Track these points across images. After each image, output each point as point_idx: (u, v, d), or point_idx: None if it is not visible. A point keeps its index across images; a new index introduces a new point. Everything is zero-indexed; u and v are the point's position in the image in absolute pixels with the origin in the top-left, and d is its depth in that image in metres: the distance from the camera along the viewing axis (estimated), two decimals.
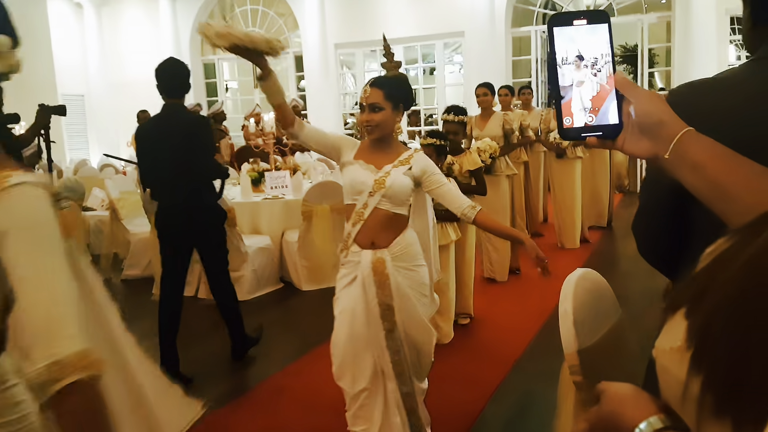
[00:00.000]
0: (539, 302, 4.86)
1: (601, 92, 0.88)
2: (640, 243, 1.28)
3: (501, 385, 3.51)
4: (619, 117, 0.88)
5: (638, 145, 0.87)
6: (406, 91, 2.61)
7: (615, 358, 1.79)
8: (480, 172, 4.55)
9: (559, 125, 0.90)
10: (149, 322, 4.67)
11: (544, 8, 10.55)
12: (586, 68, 0.88)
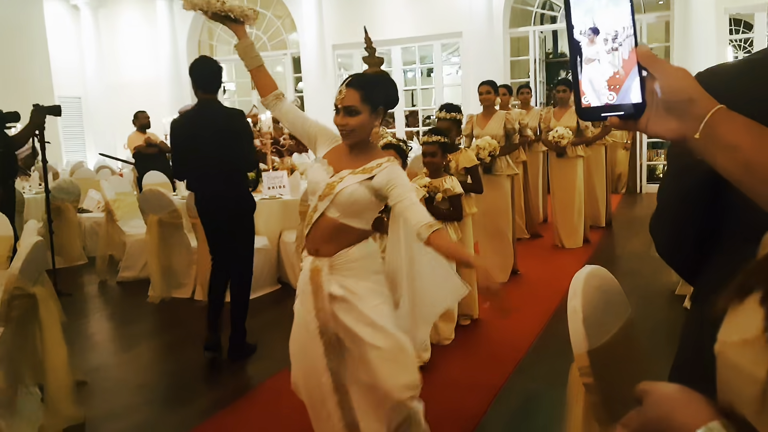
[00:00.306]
0: (542, 303, 4.80)
1: (623, 68, 0.81)
2: (661, 243, 1.17)
3: (504, 386, 3.45)
4: (642, 95, 0.80)
5: (664, 126, 0.79)
6: (387, 92, 2.39)
7: (626, 359, 1.72)
8: (476, 170, 4.48)
9: (577, 104, 0.83)
10: (145, 324, 4.63)
11: (542, 9, 10.51)
12: (606, 42, 0.81)
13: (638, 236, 6.80)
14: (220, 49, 12.71)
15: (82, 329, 4.75)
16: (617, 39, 0.81)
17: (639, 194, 9.91)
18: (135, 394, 3.69)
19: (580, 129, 6.54)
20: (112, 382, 3.87)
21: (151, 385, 3.85)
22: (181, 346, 4.40)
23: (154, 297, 5.29)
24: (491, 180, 5.33)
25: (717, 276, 1.05)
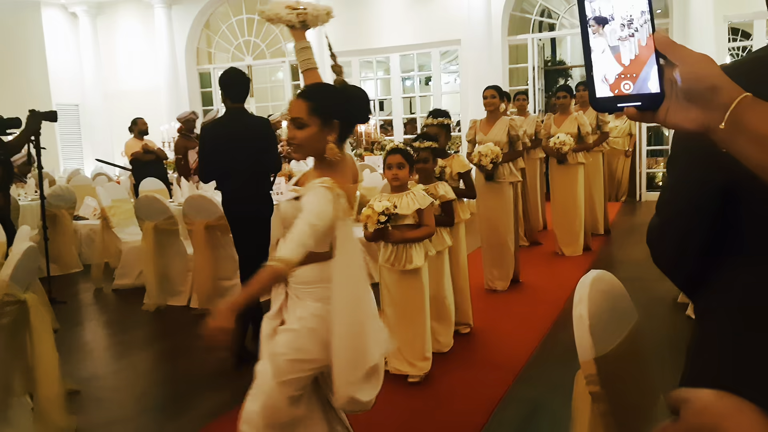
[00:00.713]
0: (543, 311, 4.75)
1: (639, 56, 0.76)
2: (662, 255, 1.11)
3: (505, 395, 3.38)
4: (660, 85, 0.75)
5: (685, 116, 0.74)
6: (342, 103, 2.20)
7: (634, 367, 1.67)
8: (469, 175, 4.40)
9: (591, 95, 0.78)
10: (140, 333, 4.57)
11: (540, 16, 10.50)
12: (622, 29, 0.76)
13: (639, 244, 6.74)
14: (218, 56, 12.69)
15: (77, 337, 4.68)
16: (633, 25, 0.77)
17: (639, 202, 9.87)
18: (129, 404, 3.62)
19: (581, 135, 6.46)
20: (106, 391, 3.80)
21: (146, 394, 3.78)
22: (176, 354, 4.34)
23: (150, 305, 5.23)
24: (493, 187, 5.25)
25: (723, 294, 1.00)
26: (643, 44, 0.76)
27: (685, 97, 0.74)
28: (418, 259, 3.46)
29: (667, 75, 0.75)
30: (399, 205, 3.39)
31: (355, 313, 2.18)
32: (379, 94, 12.64)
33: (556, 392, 3.38)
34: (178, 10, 12.32)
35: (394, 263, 3.48)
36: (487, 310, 4.82)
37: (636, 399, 1.65)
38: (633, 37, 0.77)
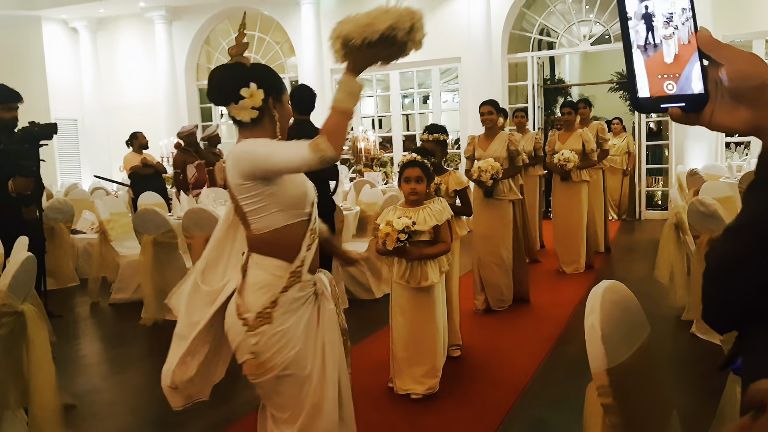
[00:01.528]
0: (546, 328, 4.70)
1: (681, 55, 0.73)
2: (717, 308, 0.96)
3: (510, 412, 3.33)
4: (704, 85, 0.73)
5: (733, 116, 0.72)
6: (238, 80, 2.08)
7: (647, 379, 1.63)
8: (466, 192, 4.31)
9: (633, 94, 0.75)
10: (137, 347, 4.51)
11: (540, 35, 10.57)
12: (663, 26, 0.74)
13: (640, 261, 6.72)
14: None
15: (73, 351, 4.62)
16: (674, 22, 0.74)
17: (638, 220, 9.86)
18: (125, 419, 3.56)
19: (586, 153, 6.39)
20: (103, 406, 3.74)
21: (142, 409, 3.72)
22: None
23: (147, 319, 5.17)
24: (492, 204, 5.13)
25: None
26: (684, 42, 0.74)
27: (732, 97, 0.71)
28: (434, 276, 3.40)
29: (711, 75, 0.73)
30: (416, 220, 3.31)
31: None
32: (378, 111, 12.68)
33: (561, 409, 3.34)
34: (179, 27, 12.38)
35: (409, 280, 3.40)
36: (489, 327, 4.78)
37: (648, 413, 1.61)
38: (674, 35, 0.74)
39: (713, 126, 0.73)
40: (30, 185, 4.19)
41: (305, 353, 2.09)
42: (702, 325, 4.19)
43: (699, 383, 3.58)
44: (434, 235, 3.38)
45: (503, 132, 5.66)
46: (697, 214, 4.01)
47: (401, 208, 3.44)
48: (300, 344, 2.08)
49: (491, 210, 5.13)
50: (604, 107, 13.27)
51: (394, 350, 3.53)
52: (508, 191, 5.20)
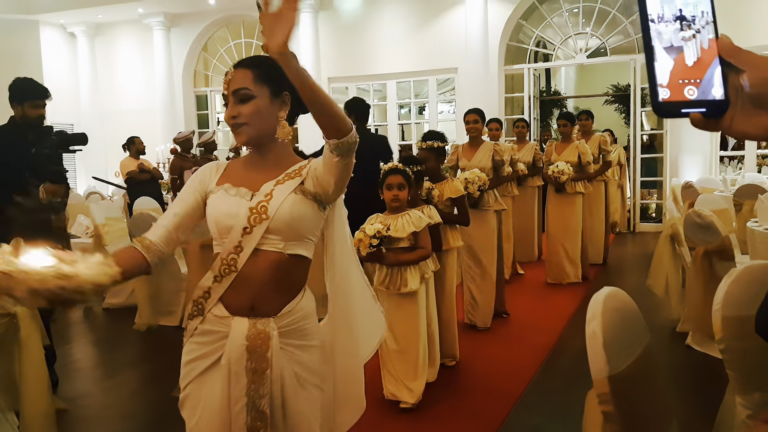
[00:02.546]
0: (539, 339, 4.69)
1: (702, 59, 0.73)
2: None
3: (505, 421, 3.32)
4: (724, 91, 0.72)
5: (754, 122, 0.71)
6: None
7: (647, 387, 1.62)
8: (463, 201, 4.26)
9: (654, 98, 0.73)
10: (130, 352, 4.48)
11: (536, 47, 10.62)
12: (684, 29, 0.73)
13: (634, 273, 6.73)
14: (215, 80, 12.73)
15: (65, 355, 4.58)
16: (695, 26, 0.73)
17: (632, 233, 9.87)
18: (118, 424, 3.53)
19: (582, 164, 6.33)
20: (95, 410, 3.71)
21: (135, 414, 3.69)
22: (166, 375, 4.24)
23: (141, 324, 5.14)
24: (477, 215, 4.90)
25: None
26: (705, 47, 0.73)
27: (754, 102, 0.71)
28: (413, 282, 3.37)
29: (732, 82, 0.72)
30: (394, 226, 3.31)
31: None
32: (374, 121, 12.69)
33: (557, 418, 3.33)
34: (177, 33, 12.39)
35: (389, 286, 3.40)
36: (483, 338, 4.76)
37: (649, 421, 1.61)
38: (695, 39, 0.73)
39: (732, 132, 0.73)
40: (61, 191, 4.04)
41: (194, 401, 1.75)
42: (697, 337, 4.19)
43: (695, 394, 3.58)
44: (413, 242, 3.36)
45: (488, 142, 5.57)
46: (693, 225, 4.02)
47: (382, 215, 3.44)
48: (193, 389, 1.74)
49: (476, 221, 4.89)
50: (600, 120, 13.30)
51: (381, 355, 3.51)
52: (493, 202, 5.09)
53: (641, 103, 9.90)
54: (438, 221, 3.67)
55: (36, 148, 3.87)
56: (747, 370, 1.84)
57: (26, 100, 3.95)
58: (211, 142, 8.29)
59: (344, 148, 1.63)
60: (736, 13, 8.49)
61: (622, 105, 12.59)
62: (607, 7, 9.71)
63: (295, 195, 1.68)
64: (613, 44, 10.02)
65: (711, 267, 3.91)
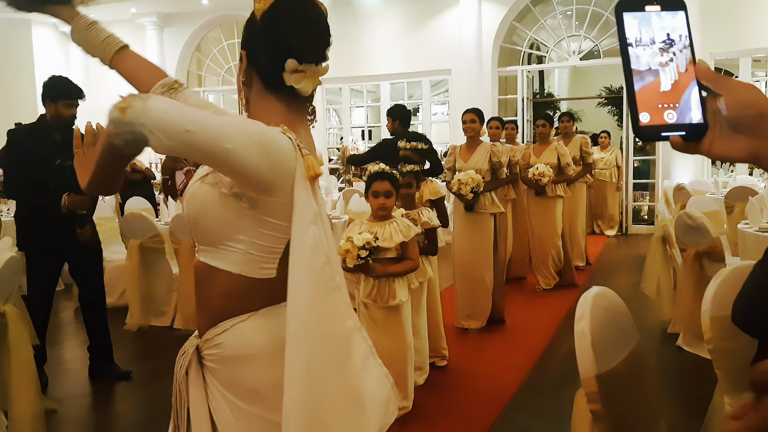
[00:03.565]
0: (530, 342, 4.70)
1: (680, 83, 0.74)
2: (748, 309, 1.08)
3: (496, 422, 3.32)
4: (702, 115, 0.74)
5: (731, 146, 0.73)
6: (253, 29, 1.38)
7: (636, 386, 1.63)
8: (442, 202, 4.15)
9: (634, 122, 0.75)
10: (121, 353, 4.44)
11: (530, 49, 10.64)
12: (662, 54, 0.74)
13: (625, 275, 6.74)
14: (209, 80, 12.71)
15: (55, 356, 4.56)
16: (673, 49, 0.75)
17: (625, 235, 9.89)
18: (108, 424, 3.52)
19: (561, 167, 6.17)
20: (84, 411, 3.69)
21: (125, 414, 3.67)
22: (157, 375, 4.23)
23: (132, 324, 5.11)
24: (472, 218, 4.87)
25: None
26: (682, 71, 0.74)
27: (731, 126, 0.72)
28: (402, 294, 3.20)
29: (709, 106, 0.74)
30: (381, 235, 3.12)
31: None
32: (368, 122, 12.70)
33: (547, 419, 3.33)
34: (170, 33, 12.36)
35: (376, 299, 3.19)
36: (474, 340, 4.76)
37: (637, 420, 1.61)
38: (673, 63, 0.75)
39: (712, 155, 0.74)
40: (86, 204, 3.83)
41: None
42: (688, 338, 4.21)
43: (685, 395, 3.59)
44: (401, 252, 3.19)
45: (485, 143, 5.39)
46: (684, 227, 4.03)
47: (367, 222, 3.24)
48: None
49: (471, 224, 4.90)
50: (593, 122, 13.39)
51: None
52: (490, 204, 4.94)
53: None
54: (437, 225, 3.63)
55: (61, 158, 3.71)
56: (735, 370, 1.85)
57: (61, 99, 3.89)
58: None
59: (121, 138, 1.17)
60: (729, 17, 8.53)
61: (615, 107, 12.64)
62: (601, 10, 9.74)
63: (201, 184, 1.33)
64: (606, 47, 10.05)
65: (702, 268, 3.92)
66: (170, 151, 1.16)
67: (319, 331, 1.25)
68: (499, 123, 6.37)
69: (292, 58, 1.30)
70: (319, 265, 1.25)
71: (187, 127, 1.14)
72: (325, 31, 1.38)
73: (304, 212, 1.24)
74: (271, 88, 1.34)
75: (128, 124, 1.14)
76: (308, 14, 1.36)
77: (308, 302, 1.24)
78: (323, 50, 1.36)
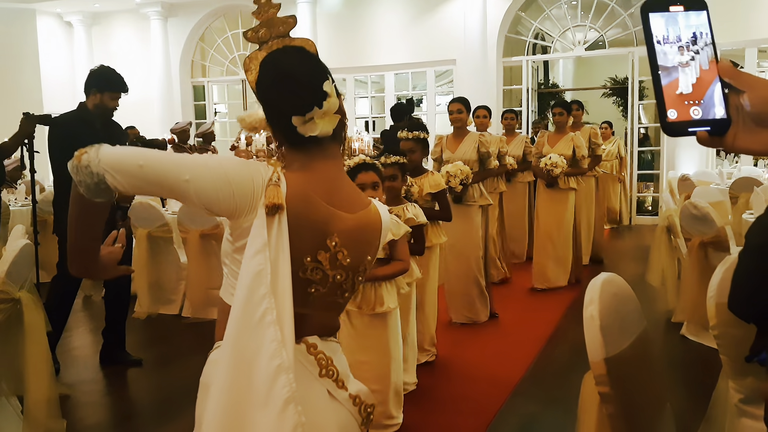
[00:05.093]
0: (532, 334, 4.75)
1: (703, 80, 0.78)
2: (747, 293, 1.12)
3: (502, 408, 3.37)
4: (726, 111, 0.77)
5: (754, 140, 0.76)
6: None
7: (643, 370, 1.67)
8: (444, 195, 4.01)
9: (662, 117, 0.78)
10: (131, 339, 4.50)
11: (534, 39, 10.63)
12: (686, 52, 0.78)
13: (629, 265, 6.76)
14: (213, 70, 12.72)
15: (65, 343, 4.61)
16: (696, 49, 0.78)
17: (629, 226, 9.91)
18: (119, 409, 3.58)
19: (576, 159, 5.84)
20: (97, 396, 3.75)
21: (136, 399, 3.74)
22: (167, 362, 4.29)
23: (141, 313, 5.17)
24: (461, 211, 4.66)
25: None
26: (705, 68, 0.78)
27: (755, 121, 0.76)
28: (390, 301, 2.92)
29: (732, 102, 0.77)
30: None
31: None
32: (372, 113, 12.71)
33: (553, 406, 3.38)
34: (174, 23, 12.35)
35: (361, 305, 2.89)
36: (479, 330, 4.80)
37: (644, 403, 1.65)
38: (697, 62, 0.78)
39: (736, 149, 0.78)
40: (131, 197, 3.99)
41: None
42: (692, 327, 4.25)
43: (689, 383, 3.63)
44: (389, 252, 2.91)
45: (473, 132, 5.19)
46: (689, 216, 4.06)
47: None
48: None
49: (460, 217, 4.68)
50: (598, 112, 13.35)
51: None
52: (478, 196, 4.80)
53: (639, 97, 9.93)
54: (423, 222, 3.38)
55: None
56: (740, 356, 1.88)
57: (108, 90, 3.92)
58: (210, 133, 8.31)
59: (83, 184, 1.28)
60: (735, 8, 8.51)
61: (620, 98, 12.61)
62: (606, 0, 9.72)
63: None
64: (611, 37, 10.04)
65: (706, 258, 3.95)
66: (132, 189, 1.29)
67: (243, 366, 1.24)
68: (486, 111, 6.04)
69: (294, 115, 1.34)
70: (256, 296, 1.24)
71: (140, 163, 1.25)
72: (314, 73, 1.38)
73: (255, 241, 1.26)
74: (296, 144, 1.39)
75: (84, 167, 1.26)
76: (293, 68, 1.39)
77: (234, 334, 1.24)
78: (320, 92, 1.36)
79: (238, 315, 1.25)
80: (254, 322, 1.24)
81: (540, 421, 3.31)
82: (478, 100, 6.82)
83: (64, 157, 3.89)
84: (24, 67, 11.84)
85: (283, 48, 1.44)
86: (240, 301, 1.25)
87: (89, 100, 3.87)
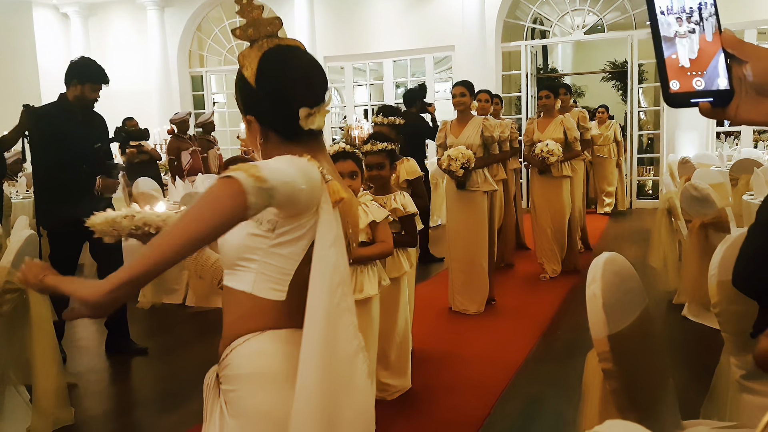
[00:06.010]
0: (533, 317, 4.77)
1: (706, 51, 0.78)
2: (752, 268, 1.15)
3: (506, 390, 3.40)
4: (729, 82, 0.77)
5: (757, 110, 0.77)
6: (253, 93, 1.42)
7: (645, 347, 1.69)
8: (420, 182, 3.92)
9: (665, 89, 0.78)
10: (135, 329, 4.53)
11: (533, 23, 10.60)
12: (689, 22, 0.78)
13: (630, 248, 6.77)
14: (210, 60, 12.68)
15: (70, 333, 4.64)
16: (699, 18, 0.78)
17: (629, 209, 9.92)
18: (125, 398, 3.61)
19: (569, 142, 5.64)
20: (103, 385, 3.79)
21: (141, 388, 3.77)
22: (171, 351, 4.32)
23: (144, 303, 5.20)
24: (464, 197, 4.64)
25: None
26: (708, 40, 0.78)
27: (757, 91, 0.76)
28: (370, 288, 2.85)
29: (735, 72, 0.77)
30: None
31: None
32: (371, 100, 12.70)
33: (557, 387, 3.41)
34: (171, 13, 12.31)
35: None
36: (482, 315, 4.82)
37: (647, 379, 1.67)
38: (700, 31, 0.78)
39: (738, 120, 0.78)
40: (115, 187, 3.98)
41: None
42: (693, 308, 4.27)
43: (691, 363, 3.66)
44: (372, 235, 2.84)
45: (477, 117, 5.07)
46: (689, 198, 4.07)
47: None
48: None
49: (463, 203, 4.67)
50: (597, 96, 13.35)
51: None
52: (482, 182, 4.72)
53: (638, 80, 9.91)
54: (413, 211, 3.26)
55: (88, 140, 3.83)
56: (741, 332, 1.90)
57: (89, 82, 3.87)
58: (210, 123, 8.31)
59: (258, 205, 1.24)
60: None
61: (619, 82, 12.59)
62: None
63: None
64: (610, 20, 10.00)
65: (707, 239, 3.97)
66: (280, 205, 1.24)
67: (331, 351, 1.27)
68: (488, 96, 5.93)
69: (302, 107, 1.35)
70: (335, 285, 1.28)
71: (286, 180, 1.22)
72: (319, 69, 1.44)
73: (327, 235, 1.28)
74: (291, 138, 1.38)
75: (268, 189, 1.17)
76: (299, 62, 1.42)
77: (323, 322, 1.26)
78: (326, 87, 1.42)
79: (324, 305, 1.27)
80: (335, 311, 1.28)
81: (544, 400, 3.34)
82: (478, 86, 6.76)
83: (44, 148, 3.90)
84: (21, 60, 11.82)
85: (286, 45, 1.45)
86: (322, 292, 1.27)
87: (70, 92, 3.87)
